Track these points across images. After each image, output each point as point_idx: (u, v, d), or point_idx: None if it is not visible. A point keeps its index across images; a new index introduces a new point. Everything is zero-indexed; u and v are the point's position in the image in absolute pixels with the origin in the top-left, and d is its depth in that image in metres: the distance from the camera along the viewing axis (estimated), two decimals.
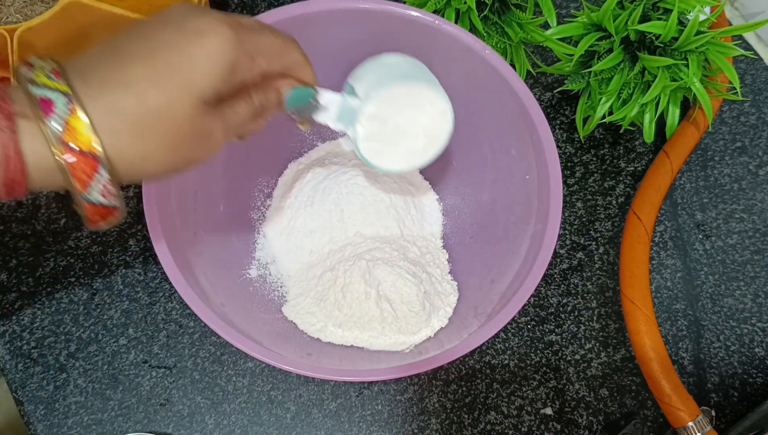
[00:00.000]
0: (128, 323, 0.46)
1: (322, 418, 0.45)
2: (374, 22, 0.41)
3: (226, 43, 0.28)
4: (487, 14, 0.47)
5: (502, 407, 0.46)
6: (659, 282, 0.50)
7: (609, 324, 0.48)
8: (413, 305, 0.42)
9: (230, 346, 0.46)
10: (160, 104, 0.27)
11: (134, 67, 0.27)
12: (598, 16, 0.46)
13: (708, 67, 0.47)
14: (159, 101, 0.27)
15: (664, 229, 0.52)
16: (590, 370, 0.47)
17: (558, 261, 0.50)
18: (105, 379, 0.45)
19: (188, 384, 0.45)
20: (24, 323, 0.45)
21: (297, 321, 0.43)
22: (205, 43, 0.28)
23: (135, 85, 0.27)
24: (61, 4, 0.47)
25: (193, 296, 0.35)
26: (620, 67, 0.47)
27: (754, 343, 0.49)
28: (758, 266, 0.51)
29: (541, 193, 0.40)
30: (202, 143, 0.30)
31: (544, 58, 0.55)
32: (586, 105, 0.50)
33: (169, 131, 0.28)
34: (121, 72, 0.27)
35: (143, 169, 0.28)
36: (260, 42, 0.31)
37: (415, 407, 0.45)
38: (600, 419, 0.46)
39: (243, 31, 0.29)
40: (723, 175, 0.54)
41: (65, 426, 0.43)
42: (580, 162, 0.53)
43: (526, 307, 0.48)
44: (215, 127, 0.30)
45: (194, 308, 0.35)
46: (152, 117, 0.27)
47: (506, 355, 0.47)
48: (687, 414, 0.41)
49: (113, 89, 0.27)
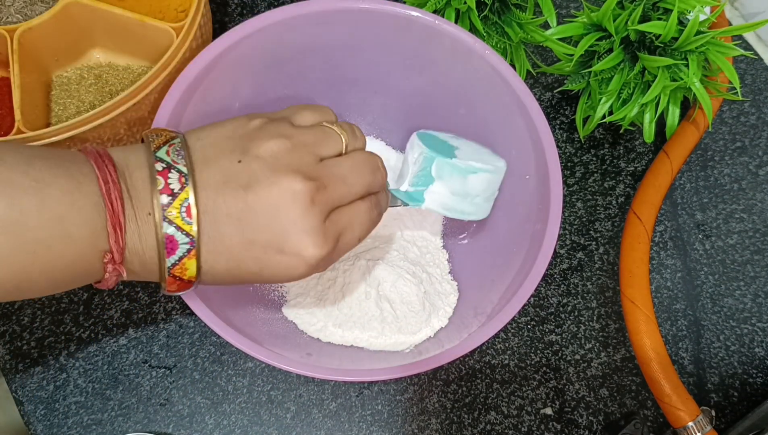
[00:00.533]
0: (128, 323, 0.46)
1: (322, 418, 0.45)
2: (374, 22, 0.41)
3: (319, 266, 0.31)
4: (487, 14, 0.47)
5: (502, 407, 0.46)
6: (659, 282, 0.50)
7: (609, 324, 0.48)
8: (413, 305, 0.42)
9: (230, 346, 0.46)
10: (251, 277, 0.31)
11: (231, 235, 0.29)
12: (598, 16, 0.46)
13: (708, 67, 0.47)
14: (253, 277, 0.31)
15: (664, 229, 0.52)
16: (590, 370, 0.47)
17: (558, 261, 0.50)
18: (105, 379, 0.45)
19: (188, 384, 0.45)
20: (24, 323, 0.45)
21: (297, 321, 0.43)
22: (303, 269, 0.31)
23: (230, 252, 0.30)
24: (61, 4, 0.47)
25: (193, 296, 0.35)
26: (620, 67, 0.47)
27: (754, 343, 0.49)
28: (758, 266, 0.51)
29: (541, 193, 0.40)
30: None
31: (544, 58, 0.55)
32: (586, 105, 0.50)
33: (255, 283, 0.34)
34: (218, 235, 0.29)
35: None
36: (350, 194, 0.32)
37: (415, 407, 0.45)
38: (600, 419, 0.46)
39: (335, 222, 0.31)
40: (723, 175, 0.54)
41: (65, 426, 0.43)
42: (580, 162, 0.53)
43: (526, 307, 0.48)
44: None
45: (194, 308, 0.35)
46: (239, 279, 0.31)
47: (506, 355, 0.47)
48: (687, 414, 0.41)
49: (213, 248, 0.29)
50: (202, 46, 0.47)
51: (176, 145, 0.29)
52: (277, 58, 0.42)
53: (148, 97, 0.44)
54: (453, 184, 0.40)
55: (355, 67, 0.45)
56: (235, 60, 0.40)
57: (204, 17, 0.47)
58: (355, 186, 0.32)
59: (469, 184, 0.40)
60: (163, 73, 0.44)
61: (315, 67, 0.44)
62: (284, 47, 0.42)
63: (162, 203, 0.28)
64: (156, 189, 0.28)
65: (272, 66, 0.42)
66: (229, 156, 0.30)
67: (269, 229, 0.29)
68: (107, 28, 0.49)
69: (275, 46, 0.41)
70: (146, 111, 0.46)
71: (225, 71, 0.40)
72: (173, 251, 0.28)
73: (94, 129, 0.43)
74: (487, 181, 0.41)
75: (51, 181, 0.27)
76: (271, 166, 0.29)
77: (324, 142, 0.32)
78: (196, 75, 0.38)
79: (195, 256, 0.29)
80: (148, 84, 0.43)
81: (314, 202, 0.30)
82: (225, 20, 0.57)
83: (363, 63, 0.44)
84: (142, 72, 0.51)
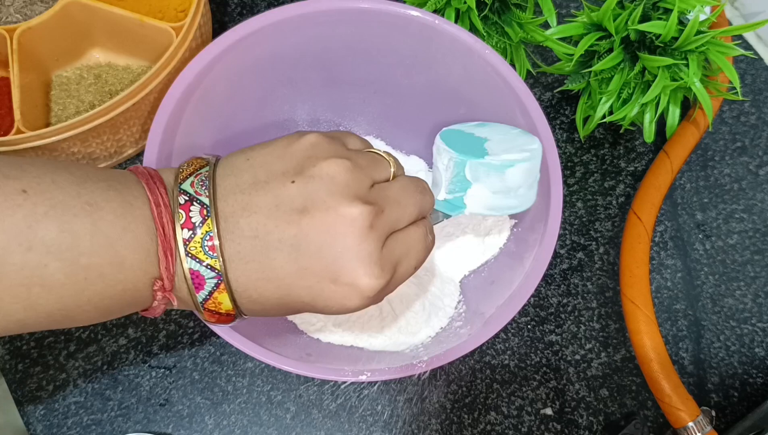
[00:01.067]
0: (128, 323, 0.46)
1: (322, 418, 0.45)
2: (374, 21, 0.41)
3: (375, 298, 0.29)
4: (487, 14, 0.47)
5: (502, 407, 0.46)
6: (659, 282, 0.50)
7: (609, 324, 0.48)
8: (413, 305, 0.42)
9: (230, 346, 0.46)
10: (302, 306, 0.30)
11: (283, 264, 0.28)
12: (598, 16, 0.46)
13: (708, 66, 0.47)
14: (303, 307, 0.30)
15: (664, 229, 0.52)
16: (590, 370, 0.47)
17: (558, 261, 0.50)
18: (104, 379, 0.45)
19: (188, 384, 0.45)
20: None
21: (297, 321, 0.43)
22: (357, 301, 0.29)
23: (280, 281, 0.28)
24: (61, 4, 0.47)
25: None
26: (620, 67, 0.47)
27: (755, 343, 0.49)
28: (758, 266, 0.51)
29: (541, 193, 0.40)
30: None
31: (544, 58, 0.55)
32: (586, 105, 0.50)
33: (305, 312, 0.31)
34: (268, 263, 0.28)
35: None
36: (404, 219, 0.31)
37: (415, 407, 0.45)
38: (600, 419, 0.46)
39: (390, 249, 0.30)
40: (723, 175, 0.54)
41: (65, 426, 0.43)
42: (580, 162, 0.53)
43: (526, 307, 0.48)
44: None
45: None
46: (288, 309, 0.30)
47: (506, 355, 0.47)
48: (687, 414, 0.41)
49: (260, 278, 0.28)
50: (201, 46, 0.47)
51: (202, 175, 0.28)
52: (277, 58, 0.42)
53: (148, 97, 0.44)
54: (492, 183, 0.37)
55: (355, 67, 0.45)
56: (235, 60, 0.40)
57: (204, 17, 0.47)
58: (409, 207, 0.31)
59: (509, 179, 0.37)
60: (162, 73, 0.44)
61: (315, 67, 0.44)
62: (284, 47, 0.42)
63: (184, 238, 0.27)
64: (178, 223, 0.27)
65: (272, 66, 0.42)
66: (281, 177, 0.28)
67: (324, 256, 0.27)
68: (107, 28, 0.49)
69: (275, 46, 0.41)
70: (146, 111, 0.46)
71: (225, 71, 0.40)
72: (201, 286, 0.27)
73: (94, 129, 0.43)
74: (526, 171, 0.38)
75: (104, 204, 0.26)
76: (328, 189, 0.28)
77: (376, 166, 0.31)
78: (196, 75, 0.38)
79: (226, 289, 0.27)
80: (147, 84, 0.43)
81: (372, 228, 0.28)
82: (225, 20, 0.57)
83: (363, 63, 0.44)
84: (142, 72, 0.51)
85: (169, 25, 0.47)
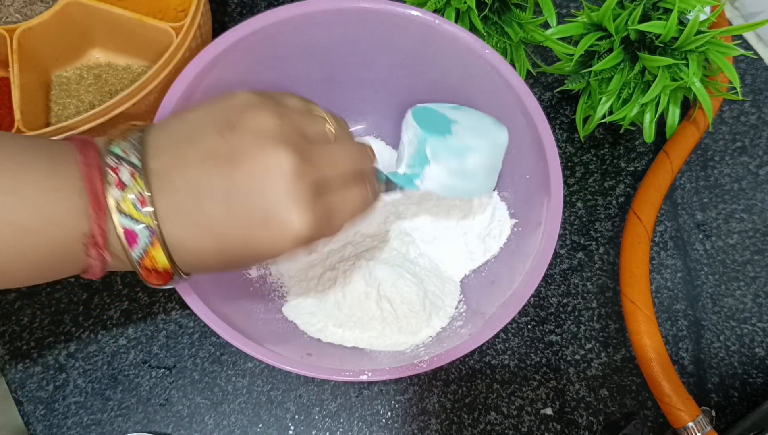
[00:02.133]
0: (128, 323, 0.46)
1: (322, 418, 0.45)
2: (374, 21, 0.41)
3: (305, 240, 0.29)
4: (487, 14, 0.47)
5: (502, 407, 0.46)
6: (659, 282, 0.50)
7: (609, 324, 0.48)
8: (414, 305, 0.42)
9: (230, 346, 0.46)
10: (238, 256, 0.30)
11: (216, 213, 0.29)
12: (598, 16, 0.46)
13: (708, 66, 0.47)
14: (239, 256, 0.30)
15: (664, 229, 0.52)
16: (590, 370, 0.47)
17: (558, 261, 0.50)
18: (105, 379, 0.45)
19: (188, 384, 0.45)
20: (24, 323, 0.45)
21: (297, 321, 0.43)
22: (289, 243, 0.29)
23: (215, 230, 0.29)
24: (61, 4, 0.47)
25: (193, 296, 0.35)
26: (620, 67, 0.47)
27: (755, 343, 0.49)
28: (758, 266, 0.51)
29: (541, 193, 0.40)
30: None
31: (544, 58, 0.55)
32: (586, 105, 0.50)
33: (242, 264, 0.31)
34: (202, 214, 0.28)
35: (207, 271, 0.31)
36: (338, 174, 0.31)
37: (415, 407, 0.45)
38: (600, 419, 0.46)
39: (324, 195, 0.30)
40: (723, 175, 0.54)
41: (65, 426, 0.43)
42: (580, 162, 0.53)
43: (526, 307, 0.48)
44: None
45: (194, 308, 0.35)
46: (226, 260, 0.30)
47: (506, 355, 0.47)
48: (687, 414, 0.41)
49: (195, 229, 0.29)
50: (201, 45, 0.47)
51: (133, 138, 0.29)
52: (277, 58, 0.42)
53: (148, 97, 0.44)
54: (450, 164, 0.38)
55: (356, 67, 0.45)
56: (235, 60, 0.40)
57: (204, 17, 0.47)
58: (344, 165, 0.32)
59: (467, 163, 0.38)
60: (162, 72, 0.44)
61: (315, 67, 0.44)
62: (284, 47, 0.42)
63: (114, 196, 0.28)
64: (109, 183, 0.28)
65: (272, 65, 0.42)
66: (213, 132, 0.29)
67: (255, 202, 0.28)
68: (107, 28, 0.49)
69: (275, 45, 0.41)
70: (146, 111, 0.46)
71: (225, 71, 0.40)
72: (134, 242, 0.28)
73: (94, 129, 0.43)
74: (487, 158, 0.39)
75: (33, 163, 0.27)
76: (256, 138, 0.29)
77: (312, 123, 0.32)
78: (196, 75, 0.38)
79: (160, 244, 0.28)
80: (147, 84, 0.43)
81: (302, 175, 0.29)
82: (225, 20, 0.57)
83: (363, 63, 0.44)
84: (142, 72, 0.51)
85: (169, 25, 0.47)
